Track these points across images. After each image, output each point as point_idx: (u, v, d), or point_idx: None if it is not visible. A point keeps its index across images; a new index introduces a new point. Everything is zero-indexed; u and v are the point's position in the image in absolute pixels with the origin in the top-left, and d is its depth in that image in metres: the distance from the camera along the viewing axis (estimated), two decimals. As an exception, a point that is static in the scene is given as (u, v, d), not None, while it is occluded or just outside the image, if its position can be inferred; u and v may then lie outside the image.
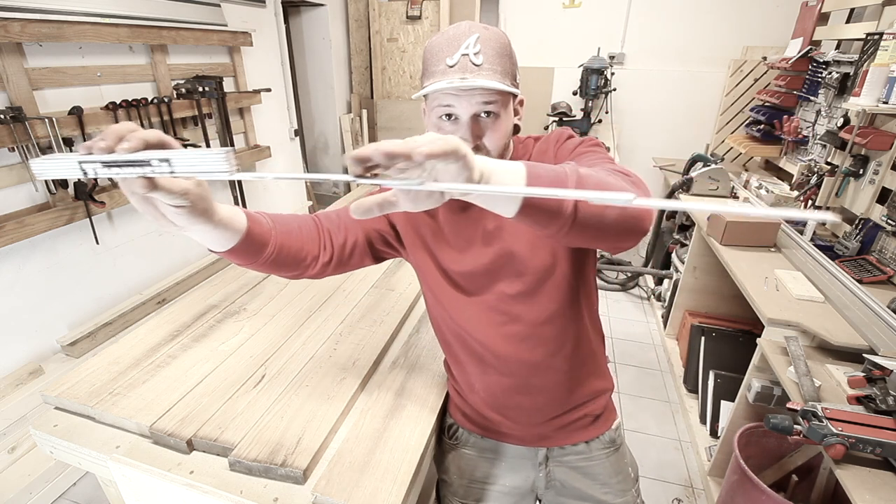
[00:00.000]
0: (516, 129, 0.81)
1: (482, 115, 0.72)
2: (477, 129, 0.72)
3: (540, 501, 1.01)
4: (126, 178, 0.47)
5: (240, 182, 2.48)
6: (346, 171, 0.46)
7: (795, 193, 2.37)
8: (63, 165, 0.47)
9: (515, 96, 0.78)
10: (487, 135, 0.73)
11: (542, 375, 0.86)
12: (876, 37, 1.91)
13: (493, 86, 0.68)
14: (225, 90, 2.35)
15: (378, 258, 0.90)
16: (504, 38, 0.73)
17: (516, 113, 0.80)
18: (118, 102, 1.87)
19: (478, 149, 0.73)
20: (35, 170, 0.48)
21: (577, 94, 3.64)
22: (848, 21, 2.41)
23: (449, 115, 0.73)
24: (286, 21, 3.19)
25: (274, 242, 0.72)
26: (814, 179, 2.22)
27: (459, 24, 0.72)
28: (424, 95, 0.75)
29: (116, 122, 1.86)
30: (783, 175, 2.83)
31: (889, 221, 1.70)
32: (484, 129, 0.73)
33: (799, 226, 2.15)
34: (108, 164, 0.46)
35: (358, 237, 0.84)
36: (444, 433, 1.03)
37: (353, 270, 0.88)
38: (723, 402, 1.92)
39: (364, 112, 4.02)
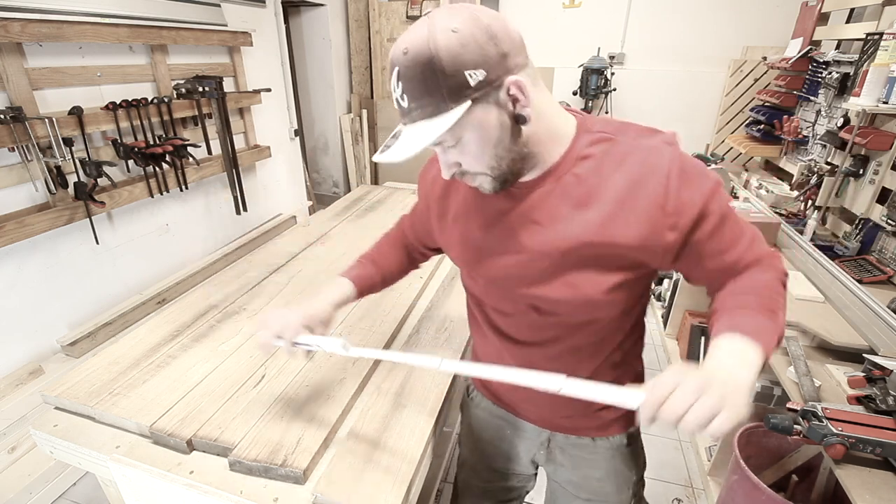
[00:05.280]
0: (521, 119, 0.60)
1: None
2: (447, 158, 0.64)
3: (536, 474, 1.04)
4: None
5: (240, 184, 2.51)
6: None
7: (795, 193, 2.37)
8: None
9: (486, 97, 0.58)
10: (461, 160, 0.64)
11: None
12: (876, 37, 1.91)
13: (413, 147, 0.58)
14: (225, 90, 2.35)
15: (434, 253, 1.00)
16: (427, 51, 0.54)
17: (515, 101, 0.59)
18: (118, 102, 1.87)
19: (463, 174, 0.66)
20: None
21: (577, 94, 3.64)
22: (848, 21, 2.41)
23: None
24: (286, 21, 3.19)
25: (382, 281, 0.94)
26: (814, 179, 2.22)
27: (399, 40, 0.58)
28: None
29: (116, 122, 1.86)
30: (783, 175, 2.83)
31: (889, 221, 1.70)
32: (452, 157, 0.64)
33: (799, 225, 2.15)
34: (295, 344, 0.82)
35: (411, 246, 0.99)
36: (465, 391, 1.05)
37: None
38: (723, 402, 1.92)
39: (364, 112, 4.03)
